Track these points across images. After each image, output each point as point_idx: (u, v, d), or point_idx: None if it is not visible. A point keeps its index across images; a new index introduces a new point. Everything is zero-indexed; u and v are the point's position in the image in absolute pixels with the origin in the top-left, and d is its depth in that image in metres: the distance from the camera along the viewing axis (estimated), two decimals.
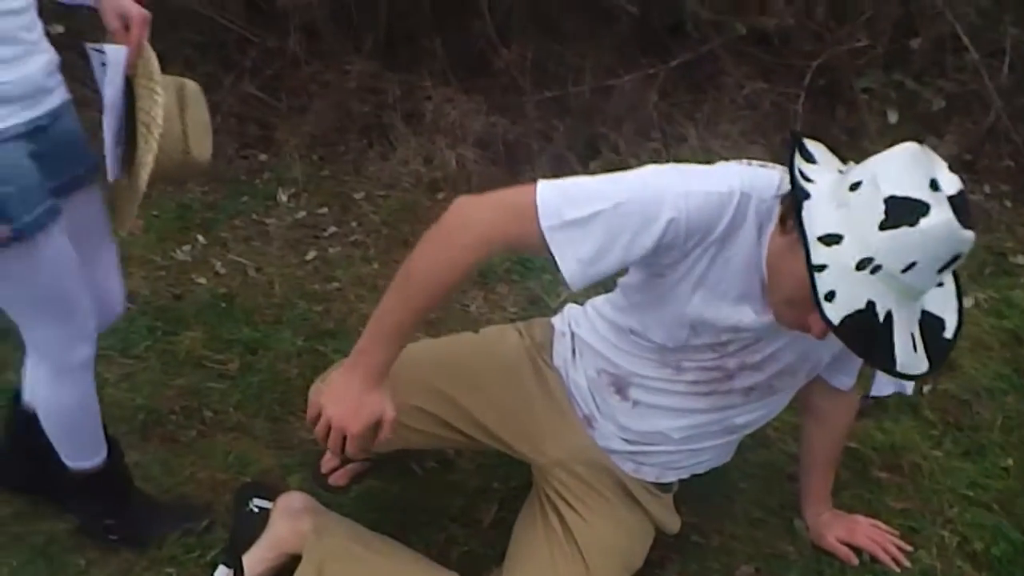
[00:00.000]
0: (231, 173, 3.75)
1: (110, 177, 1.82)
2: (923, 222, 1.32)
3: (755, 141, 3.62)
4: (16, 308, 1.77)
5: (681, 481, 1.92)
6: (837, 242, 1.37)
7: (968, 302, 2.69)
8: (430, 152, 3.73)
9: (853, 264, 1.36)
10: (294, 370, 2.63)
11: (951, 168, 1.39)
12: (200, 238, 3.37)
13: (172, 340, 2.78)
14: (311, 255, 3.27)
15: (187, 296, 3.03)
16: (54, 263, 1.72)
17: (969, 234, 1.32)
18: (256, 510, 2.06)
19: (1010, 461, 2.19)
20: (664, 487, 1.90)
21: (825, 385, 1.86)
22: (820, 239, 1.38)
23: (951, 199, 1.33)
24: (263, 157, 3.88)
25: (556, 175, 1.60)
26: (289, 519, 1.97)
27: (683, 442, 1.80)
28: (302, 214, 3.53)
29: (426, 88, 3.88)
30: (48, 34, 1.74)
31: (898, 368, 1.38)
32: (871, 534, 1.99)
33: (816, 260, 1.36)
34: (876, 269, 1.35)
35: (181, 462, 2.32)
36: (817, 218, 1.40)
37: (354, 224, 3.46)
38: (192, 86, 1.85)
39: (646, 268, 1.64)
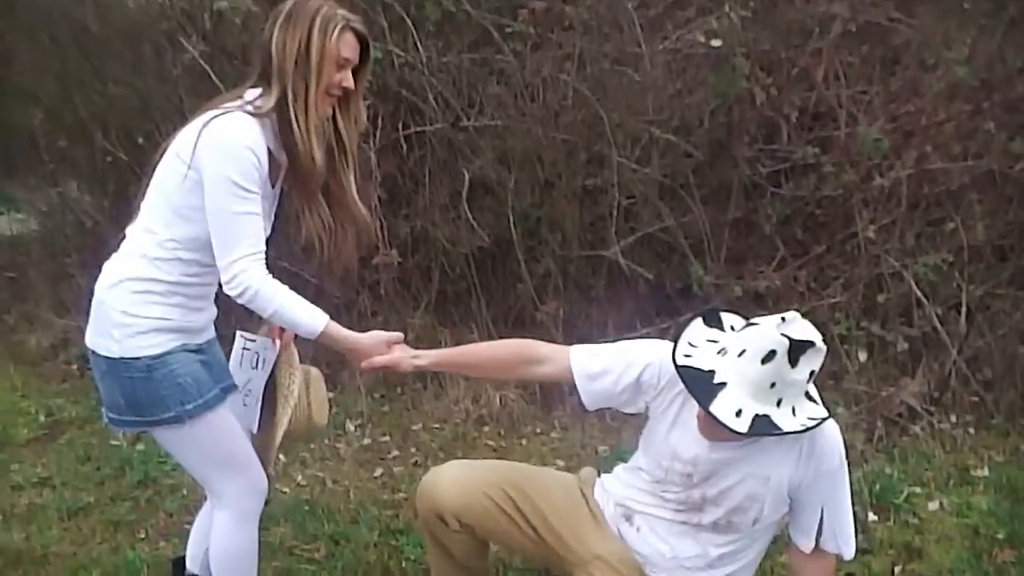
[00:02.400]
0: None
1: (253, 430, 2.42)
2: (758, 324, 2.05)
3: None
4: (203, 471, 2.33)
5: None
6: (716, 343, 2.14)
7: (934, 506, 3.24)
8: (477, 393, 4.33)
9: (715, 351, 2.10)
10: (373, 556, 3.10)
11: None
12: (281, 457, 3.89)
13: (264, 533, 3.15)
14: (378, 472, 3.81)
15: (273, 501, 3.44)
16: (225, 431, 2.29)
17: (782, 339, 1.97)
18: None
19: None
20: None
21: (795, 547, 2.30)
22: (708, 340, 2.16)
23: (790, 337, 1.97)
24: (331, 394, 4.48)
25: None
26: None
27: (673, 563, 2.29)
28: (367, 440, 4.10)
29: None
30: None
31: (711, 410, 2.00)
32: None
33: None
34: (724, 353, 2.07)
35: None
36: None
37: (413, 449, 4.02)
38: (315, 372, 2.51)
39: (646, 415, 2.32)
